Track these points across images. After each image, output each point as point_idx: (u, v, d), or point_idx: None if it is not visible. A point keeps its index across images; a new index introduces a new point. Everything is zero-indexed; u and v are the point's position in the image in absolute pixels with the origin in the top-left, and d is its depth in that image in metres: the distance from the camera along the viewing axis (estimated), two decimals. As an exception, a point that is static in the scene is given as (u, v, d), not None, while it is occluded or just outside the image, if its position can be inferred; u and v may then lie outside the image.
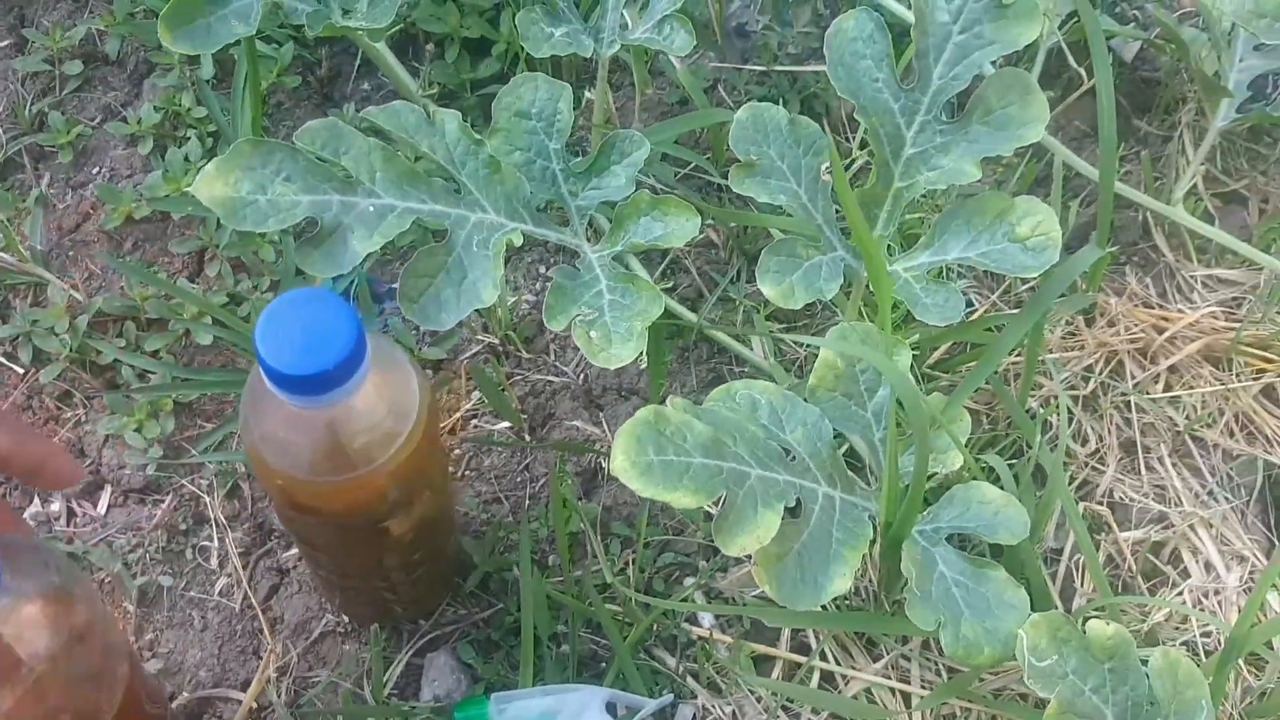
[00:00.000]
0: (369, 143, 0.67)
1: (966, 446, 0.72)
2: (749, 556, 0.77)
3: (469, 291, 0.67)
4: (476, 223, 0.69)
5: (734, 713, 0.74)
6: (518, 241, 0.70)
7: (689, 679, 0.75)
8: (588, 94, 0.94)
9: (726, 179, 0.90)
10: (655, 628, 0.76)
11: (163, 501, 0.78)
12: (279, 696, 0.73)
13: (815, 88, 0.95)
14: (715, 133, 0.90)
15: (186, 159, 0.88)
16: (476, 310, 0.68)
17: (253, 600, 0.75)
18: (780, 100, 0.94)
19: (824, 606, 0.67)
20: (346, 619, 0.75)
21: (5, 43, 0.96)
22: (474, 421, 0.83)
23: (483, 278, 0.67)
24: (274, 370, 0.53)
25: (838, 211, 0.73)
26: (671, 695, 0.74)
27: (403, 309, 0.65)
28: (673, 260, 0.90)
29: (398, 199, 0.67)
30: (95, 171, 0.91)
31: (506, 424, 0.83)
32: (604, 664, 0.75)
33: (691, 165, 0.92)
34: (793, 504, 0.64)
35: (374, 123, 0.69)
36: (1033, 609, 0.65)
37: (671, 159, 0.91)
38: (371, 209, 0.66)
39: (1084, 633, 0.63)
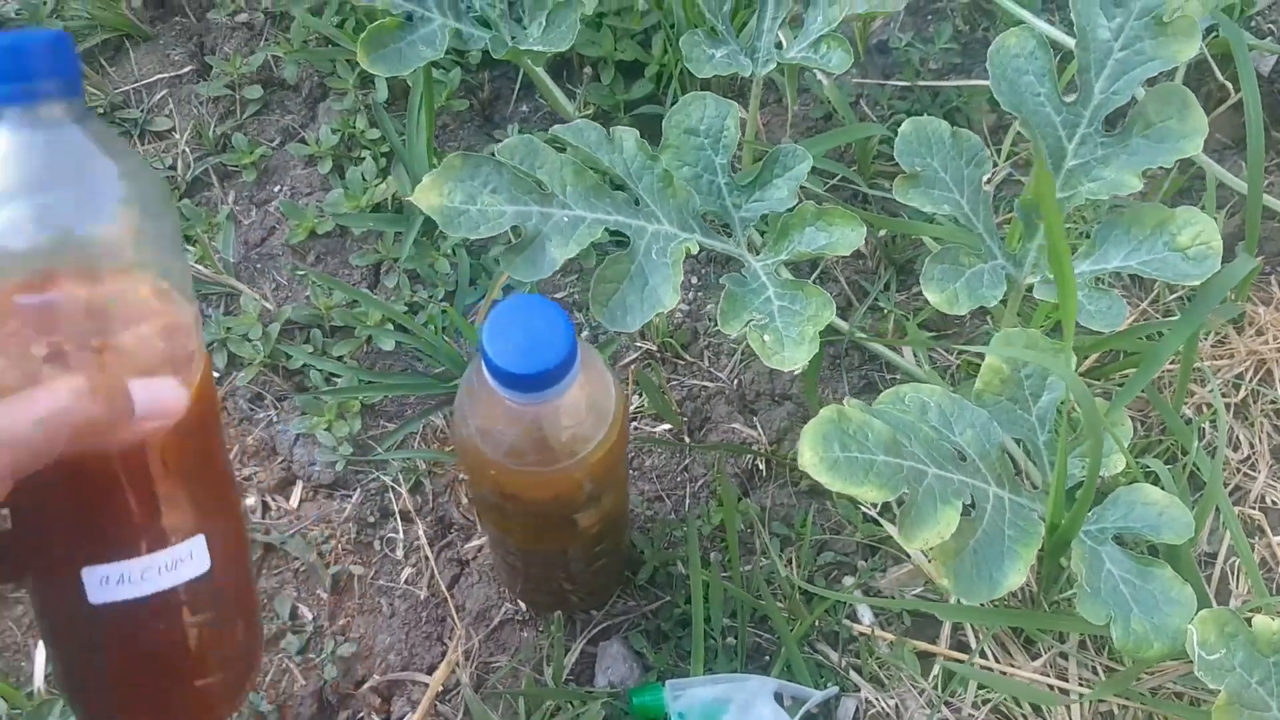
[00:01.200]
0: (561, 158, 0.71)
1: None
2: (908, 556, 0.81)
3: (651, 297, 0.71)
4: (654, 233, 0.73)
5: (897, 706, 0.76)
6: (694, 250, 0.74)
7: (851, 673, 0.78)
8: (736, 112, 0.98)
9: (873, 190, 0.94)
10: (818, 624, 0.79)
11: (351, 496, 0.83)
12: (465, 680, 0.77)
13: (957, 102, 0.98)
14: (862, 146, 0.94)
15: (363, 178, 0.94)
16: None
17: (442, 587, 0.80)
18: (923, 115, 0.97)
19: (982, 605, 0.70)
20: (525, 607, 0.79)
21: (188, 69, 1.03)
22: (634, 424, 0.87)
23: (663, 284, 0.71)
24: (499, 369, 0.57)
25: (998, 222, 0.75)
26: (836, 688, 0.76)
27: (594, 312, 0.69)
28: (822, 270, 0.93)
29: (586, 210, 0.71)
30: (277, 189, 0.97)
31: (667, 426, 0.87)
32: (768, 656, 0.78)
33: (838, 177, 0.95)
34: (968, 502, 0.67)
35: (560, 139, 0.73)
36: (1194, 608, 0.67)
37: (819, 171, 0.94)
38: (566, 219, 0.70)
39: (1250, 628, 0.65)
